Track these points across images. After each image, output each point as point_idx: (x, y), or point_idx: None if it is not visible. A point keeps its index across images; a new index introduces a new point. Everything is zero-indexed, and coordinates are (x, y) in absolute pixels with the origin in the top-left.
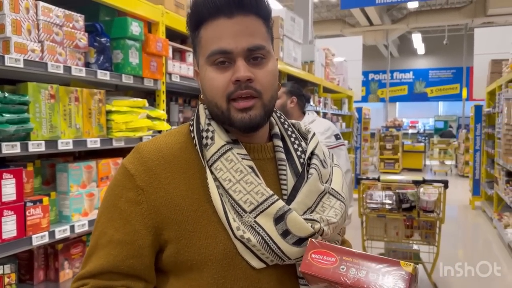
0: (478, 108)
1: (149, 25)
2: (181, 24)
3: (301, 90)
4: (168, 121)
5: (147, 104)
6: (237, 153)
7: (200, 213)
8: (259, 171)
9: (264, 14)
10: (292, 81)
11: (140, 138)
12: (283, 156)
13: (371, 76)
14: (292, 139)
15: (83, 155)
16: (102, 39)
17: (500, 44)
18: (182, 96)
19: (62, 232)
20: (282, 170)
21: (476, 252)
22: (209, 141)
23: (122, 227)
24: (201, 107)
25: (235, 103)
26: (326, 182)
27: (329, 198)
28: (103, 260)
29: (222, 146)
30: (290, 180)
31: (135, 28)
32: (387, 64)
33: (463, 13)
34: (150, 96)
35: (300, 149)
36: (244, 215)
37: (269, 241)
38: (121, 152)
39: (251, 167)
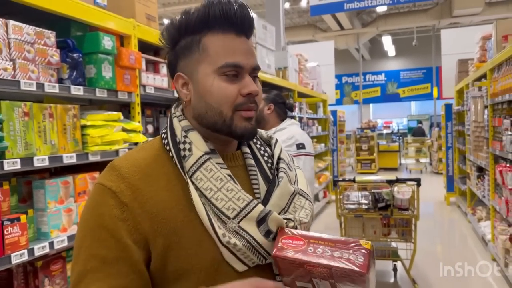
0: (448, 107)
1: (121, 39)
2: (153, 36)
3: (281, 98)
4: None
5: (122, 117)
6: (216, 163)
7: (185, 223)
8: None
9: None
10: (267, 88)
11: (117, 151)
12: (252, 162)
13: (344, 79)
14: (258, 146)
15: (59, 170)
16: (75, 55)
17: (466, 44)
18: (157, 107)
19: (41, 249)
20: (253, 175)
21: (453, 247)
22: (187, 152)
23: (115, 244)
24: (175, 120)
25: (242, 112)
26: (294, 184)
27: (299, 198)
28: (102, 283)
29: (200, 156)
30: (261, 184)
31: (107, 42)
32: (359, 67)
33: (430, 14)
34: (125, 108)
35: (266, 154)
36: (228, 221)
37: (253, 243)
38: (97, 166)
39: (229, 175)
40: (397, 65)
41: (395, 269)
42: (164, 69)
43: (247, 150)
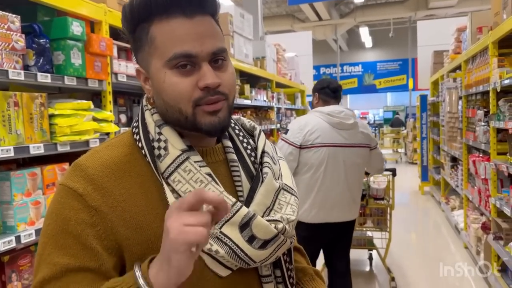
0: (423, 98)
1: (92, 24)
2: None
3: (324, 82)
4: None
5: (92, 106)
6: (194, 162)
7: (162, 229)
8: (214, 175)
9: (215, 13)
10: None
11: (87, 142)
12: (234, 157)
13: (322, 70)
14: (240, 138)
15: (28, 162)
16: (41, 40)
17: (441, 36)
18: (131, 96)
19: (7, 243)
20: (235, 171)
21: (427, 236)
22: (162, 151)
23: (81, 252)
24: (147, 114)
25: (204, 107)
26: (278, 178)
27: (284, 194)
28: None
29: (178, 156)
30: (244, 181)
31: (76, 28)
32: (337, 58)
33: (407, 6)
34: (97, 97)
35: (249, 147)
36: None
37: (236, 249)
38: (67, 157)
39: (209, 175)
40: (374, 56)
41: (370, 258)
42: None
43: (229, 143)
